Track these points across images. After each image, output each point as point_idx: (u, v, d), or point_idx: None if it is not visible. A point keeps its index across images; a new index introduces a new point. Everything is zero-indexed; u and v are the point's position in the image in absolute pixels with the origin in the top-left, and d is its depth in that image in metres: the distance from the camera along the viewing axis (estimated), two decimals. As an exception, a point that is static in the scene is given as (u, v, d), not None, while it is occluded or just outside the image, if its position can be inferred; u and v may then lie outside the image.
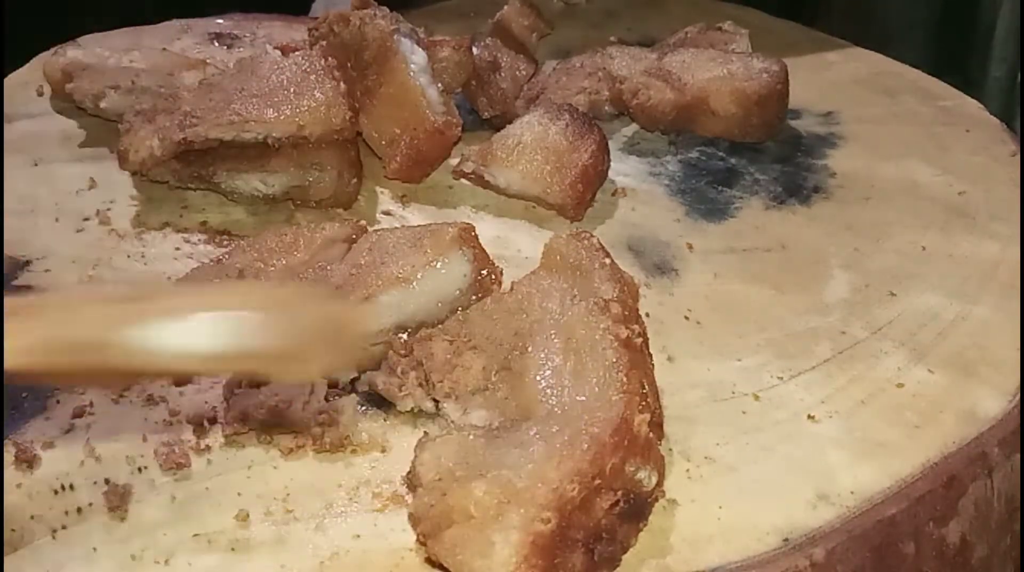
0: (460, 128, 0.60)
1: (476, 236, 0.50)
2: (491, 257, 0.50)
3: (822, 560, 0.40)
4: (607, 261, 0.46)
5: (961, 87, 0.73)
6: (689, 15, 0.75)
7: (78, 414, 0.45)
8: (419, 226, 0.52)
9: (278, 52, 0.62)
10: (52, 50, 0.66)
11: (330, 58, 0.59)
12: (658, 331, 0.50)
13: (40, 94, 0.69)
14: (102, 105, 0.63)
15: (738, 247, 0.56)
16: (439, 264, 0.48)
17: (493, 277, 0.50)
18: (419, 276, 0.47)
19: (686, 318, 0.52)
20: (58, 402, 0.46)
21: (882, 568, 0.41)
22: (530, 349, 0.44)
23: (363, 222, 0.53)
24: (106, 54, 0.65)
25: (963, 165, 0.64)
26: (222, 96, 0.57)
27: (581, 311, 0.44)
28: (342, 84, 0.57)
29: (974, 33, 1.02)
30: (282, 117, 0.56)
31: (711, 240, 0.57)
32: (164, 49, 0.67)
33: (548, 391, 0.42)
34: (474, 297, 0.49)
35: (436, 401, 0.45)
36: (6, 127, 0.65)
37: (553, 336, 0.44)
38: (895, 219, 0.59)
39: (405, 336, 0.47)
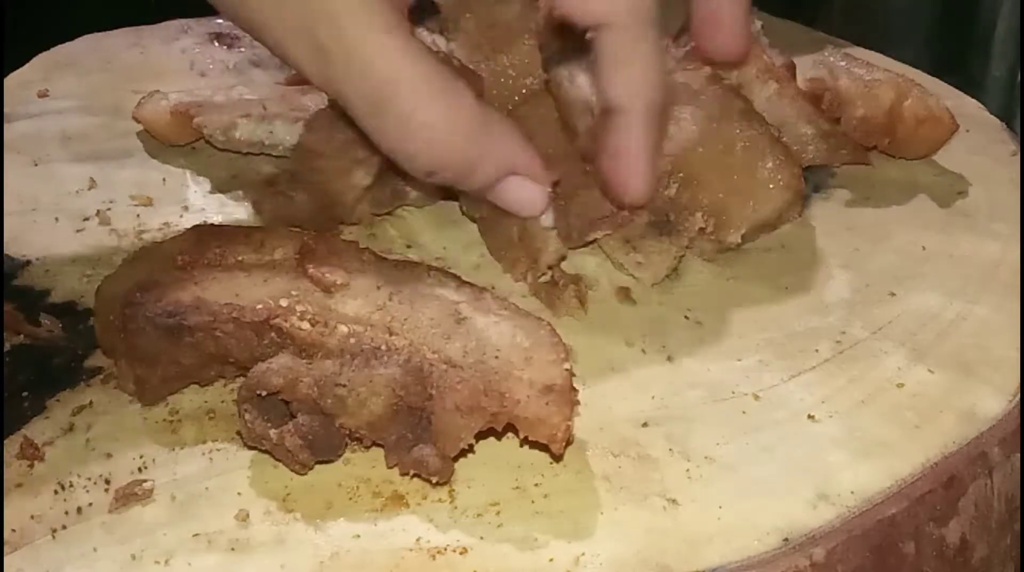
0: None
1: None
2: None
3: (822, 560, 0.40)
4: (724, 81, 0.56)
5: (961, 87, 0.73)
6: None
7: (78, 414, 0.45)
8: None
9: None
10: (145, 96, 0.63)
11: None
12: (658, 331, 0.51)
13: (41, 95, 0.69)
14: (237, 135, 0.60)
15: (738, 247, 0.56)
16: None
17: None
18: None
19: (686, 318, 0.52)
20: (58, 401, 0.46)
21: (882, 568, 0.41)
22: (694, 162, 0.53)
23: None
24: (208, 92, 0.63)
25: (963, 165, 0.64)
26: None
27: (735, 124, 0.54)
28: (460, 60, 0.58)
29: (974, 33, 1.02)
30: None
31: (711, 240, 0.57)
32: (277, 83, 0.67)
33: (731, 184, 0.53)
34: None
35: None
36: (6, 127, 0.65)
37: (713, 148, 0.54)
38: (895, 219, 0.59)
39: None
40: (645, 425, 0.45)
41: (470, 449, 0.42)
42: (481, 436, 0.42)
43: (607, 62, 0.48)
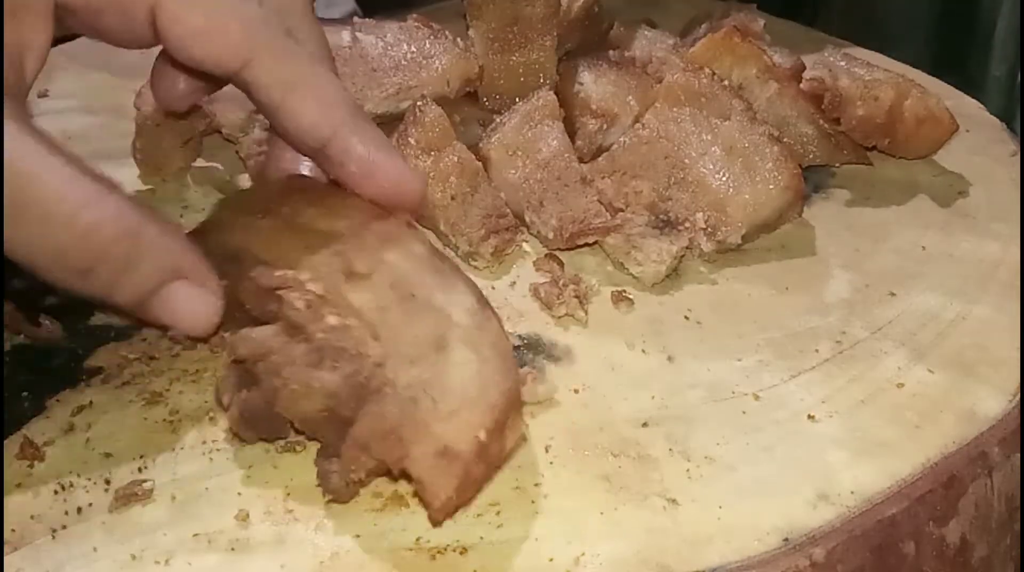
0: None
1: None
2: None
3: (822, 560, 0.40)
4: (724, 83, 0.57)
5: (961, 87, 0.73)
6: (690, 15, 0.75)
7: (78, 414, 0.45)
8: None
9: (372, 36, 0.63)
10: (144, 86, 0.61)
11: (433, 24, 0.62)
12: (658, 331, 0.51)
13: (41, 95, 0.69)
14: (254, 132, 0.60)
15: (738, 247, 0.56)
16: None
17: None
18: None
19: (686, 318, 0.52)
20: (58, 401, 0.46)
21: (882, 568, 0.41)
22: (694, 163, 0.55)
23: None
24: None
25: (963, 165, 0.64)
26: (361, 81, 0.59)
27: (735, 125, 0.56)
28: (459, 40, 0.61)
29: (974, 33, 1.02)
30: (433, 74, 0.60)
31: (711, 240, 0.57)
32: None
33: (731, 184, 0.55)
34: None
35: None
36: (6, 127, 0.65)
37: (713, 148, 0.55)
38: (895, 219, 0.60)
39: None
40: (645, 425, 0.45)
41: None
42: None
43: (277, 94, 0.43)
